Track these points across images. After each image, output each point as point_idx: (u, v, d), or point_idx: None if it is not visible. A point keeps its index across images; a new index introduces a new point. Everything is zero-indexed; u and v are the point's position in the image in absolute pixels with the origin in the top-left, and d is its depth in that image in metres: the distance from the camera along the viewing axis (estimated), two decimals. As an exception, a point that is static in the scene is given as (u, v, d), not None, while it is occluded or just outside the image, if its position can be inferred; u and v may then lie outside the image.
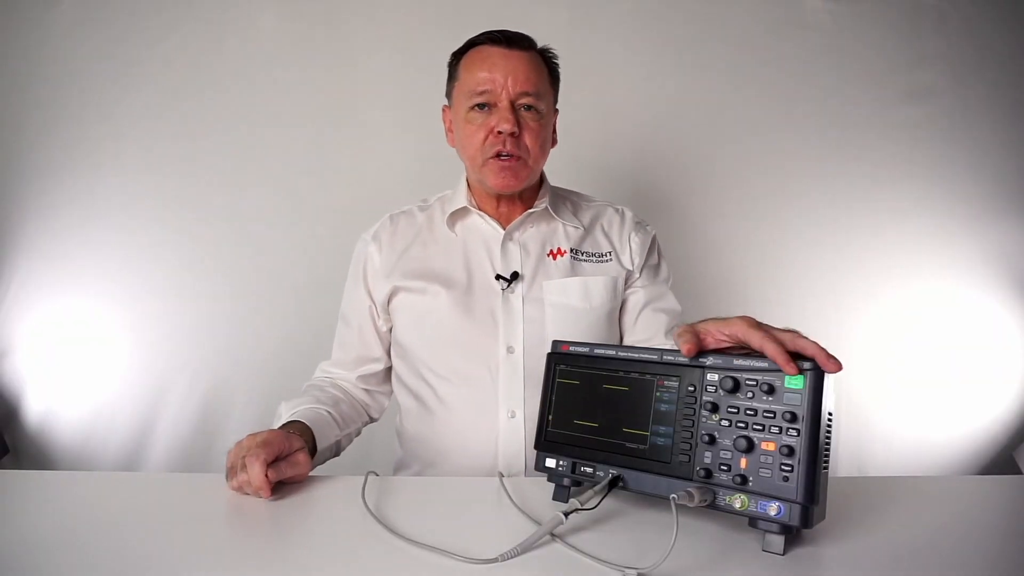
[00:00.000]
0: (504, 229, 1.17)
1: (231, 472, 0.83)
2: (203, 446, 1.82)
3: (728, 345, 0.71)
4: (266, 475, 0.79)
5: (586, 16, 1.87)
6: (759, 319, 0.70)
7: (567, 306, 1.13)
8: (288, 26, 1.82)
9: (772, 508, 0.64)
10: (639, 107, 1.90)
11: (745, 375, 0.67)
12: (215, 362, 1.83)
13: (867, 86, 1.91)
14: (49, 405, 1.81)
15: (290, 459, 0.85)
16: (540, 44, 1.17)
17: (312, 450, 0.97)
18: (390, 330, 1.21)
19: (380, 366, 1.23)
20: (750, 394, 0.67)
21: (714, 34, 1.89)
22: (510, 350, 1.11)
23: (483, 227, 1.19)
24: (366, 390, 1.24)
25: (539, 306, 1.13)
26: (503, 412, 1.09)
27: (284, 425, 0.98)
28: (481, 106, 1.11)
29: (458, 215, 1.20)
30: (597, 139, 1.85)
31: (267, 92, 1.82)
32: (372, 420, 1.26)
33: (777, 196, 1.93)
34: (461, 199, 1.19)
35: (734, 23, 1.89)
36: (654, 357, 0.73)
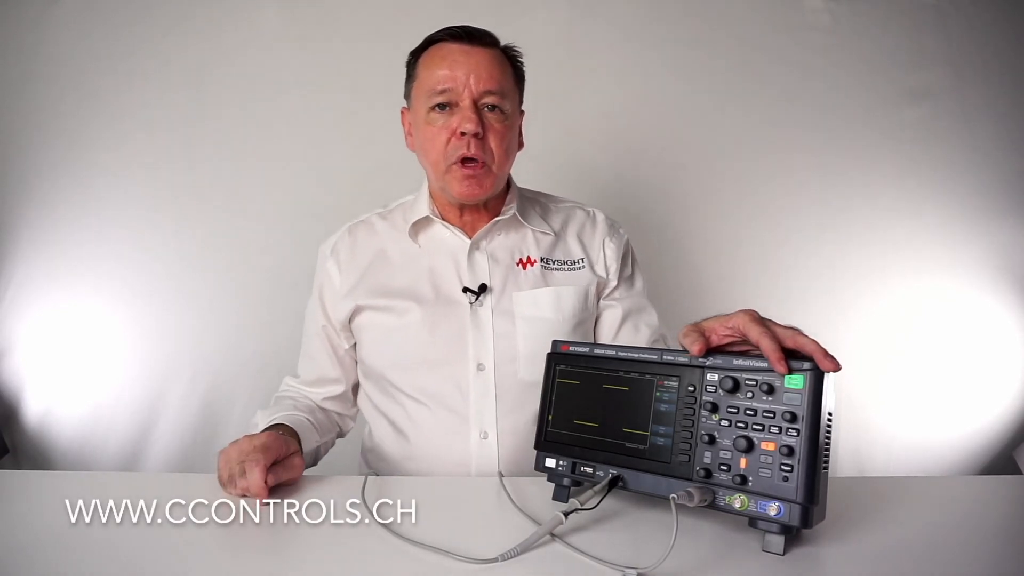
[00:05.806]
0: (470, 238, 1.10)
1: (230, 480, 0.81)
2: (203, 446, 1.82)
3: (732, 339, 0.71)
4: (265, 481, 0.79)
5: (584, 16, 1.86)
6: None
7: (539, 318, 1.07)
8: (288, 25, 1.82)
9: (772, 508, 0.64)
10: (637, 107, 1.89)
11: (745, 375, 0.67)
12: (215, 362, 1.82)
13: (867, 86, 1.90)
14: (49, 405, 1.80)
15: (286, 463, 0.85)
16: (504, 42, 1.10)
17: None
18: (353, 347, 1.14)
19: (340, 388, 1.16)
20: (750, 394, 0.67)
21: (713, 34, 1.89)
22: (480, 367, 1.04)
23: (448, 237, 1.11)
24: (333, 411, 1.18)
25: (509, 319, 1.06)
26: (475, 433, 1.03)
27: (273, 427, 0.96)
28: (442, 106, 1.03)
29: (420, 225, 1.12)
30: (596, 139, 1.85)
31: (267, 92, 1.82)
32: (342, 435, 1.21)
33: (776, 195, 1.92)
34: (423, 208, 1.11)
35: (733, 23, 1.89)
36: (654, 357, 0.74)
